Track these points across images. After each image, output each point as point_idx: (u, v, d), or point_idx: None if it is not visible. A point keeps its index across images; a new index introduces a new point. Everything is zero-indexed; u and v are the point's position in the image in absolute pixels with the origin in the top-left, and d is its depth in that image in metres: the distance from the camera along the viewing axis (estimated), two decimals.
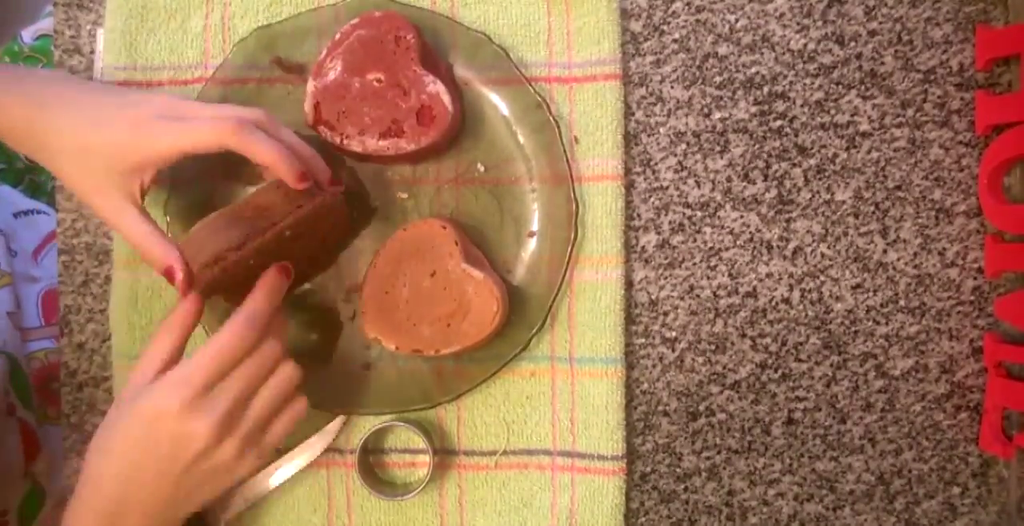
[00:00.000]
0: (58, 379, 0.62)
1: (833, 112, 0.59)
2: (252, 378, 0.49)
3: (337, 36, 0.56)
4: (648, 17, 0.60)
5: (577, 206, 0.57)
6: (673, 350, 0.59)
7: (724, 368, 0.59)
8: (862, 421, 0.59)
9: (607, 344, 0.58)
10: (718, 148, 0.59)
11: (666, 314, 0.59)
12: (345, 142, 0.56)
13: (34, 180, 0.91)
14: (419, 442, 0.59)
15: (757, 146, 0.59)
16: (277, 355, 0.50)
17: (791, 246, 0.59)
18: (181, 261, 0.49)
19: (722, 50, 0.59)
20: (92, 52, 0.62)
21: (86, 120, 0.50)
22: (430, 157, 0.59)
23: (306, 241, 0.53)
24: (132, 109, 0.50)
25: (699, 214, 0.59)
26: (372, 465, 0.60)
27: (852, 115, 0.59)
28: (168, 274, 0.49)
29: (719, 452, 0.59)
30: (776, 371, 0.59)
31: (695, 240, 0.59)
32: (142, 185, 0.51)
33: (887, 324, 0.59)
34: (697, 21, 0.59)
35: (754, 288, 0.59)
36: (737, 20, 0.59)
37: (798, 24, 0.59)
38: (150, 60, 0.60)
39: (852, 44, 0.59)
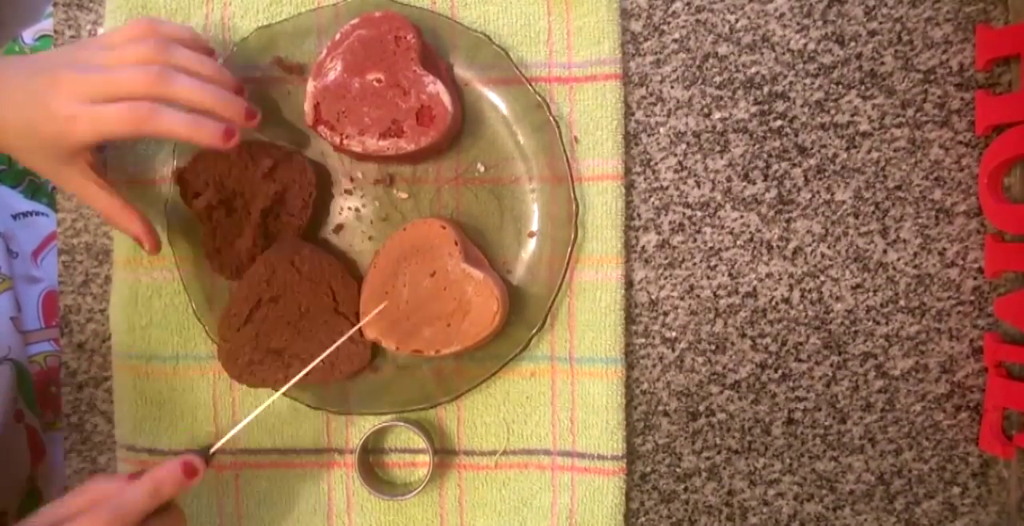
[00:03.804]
0: (56, 384, 0.62)
1: (833, 112, 0.59)
2: None
3: (337, 36, 0.56)
4: (648, 17, 0.60)
5: (577, 206, 0.57)
6: (673, 350, 0.59)
7: (724, 368, 0.59)
8: (862, 421, 0.59)
9: (607, 344, 0.58)
10: (718, 148, 0.59)
11: (666, 314, 0.59)
12: (345, 142, 0.56)
13: (34, 181, 0.91)
14: (419, 442, 0.59)
15: (757, 146, 0.59)
16: None
17: (791, 246, 0.59)
18: (146, 232, 0.54)
19: (722, 50, 0.59)
20: None
21: (17, 114, 0.49)
22: (430, 157, 0.59)
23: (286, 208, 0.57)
24: (44, 97, 0.49)
25: (699, 214, 0.59)
26: (372, 465, 0.60)
27: (852, 115, 0.59)
28: (137, 241, 0.54)
29: (719, 452, 0.59)
30: (776, 371, 0.59)
31: (695, 240, 0.59)
32: (89, 162, 0.52)
33: (887, 324, 0.59)
34: (697, 21, 0.59)
35: (754, 288, 0.59)
36: (737, 20, 0.59)
37: (798, 24, 0.59)
38: None
39: (852, 44, 0.59)
